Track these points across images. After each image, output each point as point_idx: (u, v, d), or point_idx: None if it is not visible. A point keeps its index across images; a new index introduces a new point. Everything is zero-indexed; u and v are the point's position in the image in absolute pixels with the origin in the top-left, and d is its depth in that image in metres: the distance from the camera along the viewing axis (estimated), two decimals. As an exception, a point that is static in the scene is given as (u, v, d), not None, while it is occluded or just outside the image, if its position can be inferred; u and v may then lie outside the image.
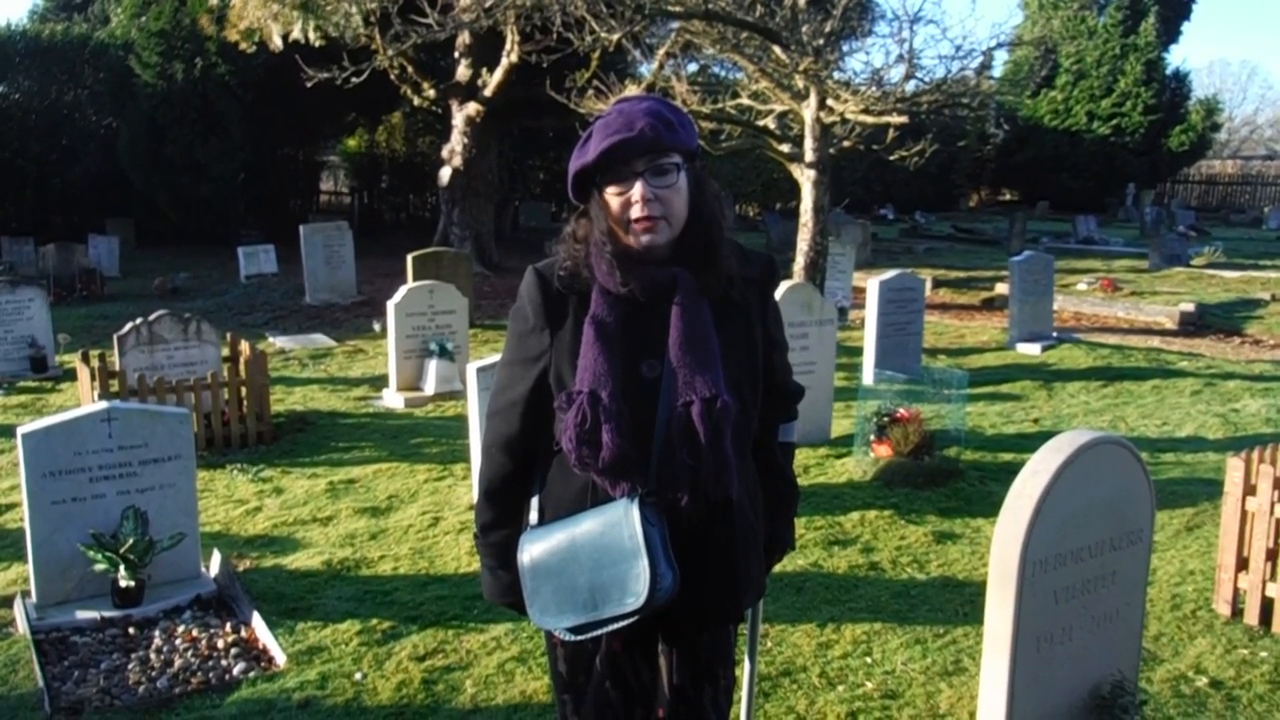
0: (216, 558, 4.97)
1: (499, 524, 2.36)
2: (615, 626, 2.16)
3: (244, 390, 7.46)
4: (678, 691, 2.36)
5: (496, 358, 5.70)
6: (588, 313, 2.17)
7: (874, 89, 10.02)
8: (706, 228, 2.21)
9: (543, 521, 2.27)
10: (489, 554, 2.39)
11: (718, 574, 2.25)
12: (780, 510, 2.50)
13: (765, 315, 2.35)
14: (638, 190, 2.12)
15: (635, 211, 2.13)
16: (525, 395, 2.26)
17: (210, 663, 4.13)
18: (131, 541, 4.46)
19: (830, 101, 9.92)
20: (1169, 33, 35.50)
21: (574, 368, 2.16)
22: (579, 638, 2.22)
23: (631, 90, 11.04)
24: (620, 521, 2.11)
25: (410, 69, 16.02)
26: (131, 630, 4.39)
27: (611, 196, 2.15)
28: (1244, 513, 4.52)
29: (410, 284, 9.57)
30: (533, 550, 2.22)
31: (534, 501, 2.30)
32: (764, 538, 2.43)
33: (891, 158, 10.93)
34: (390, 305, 8.91)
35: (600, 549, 2.13)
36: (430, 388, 8.84)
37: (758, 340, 2.31)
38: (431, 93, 16.63)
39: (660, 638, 2.36)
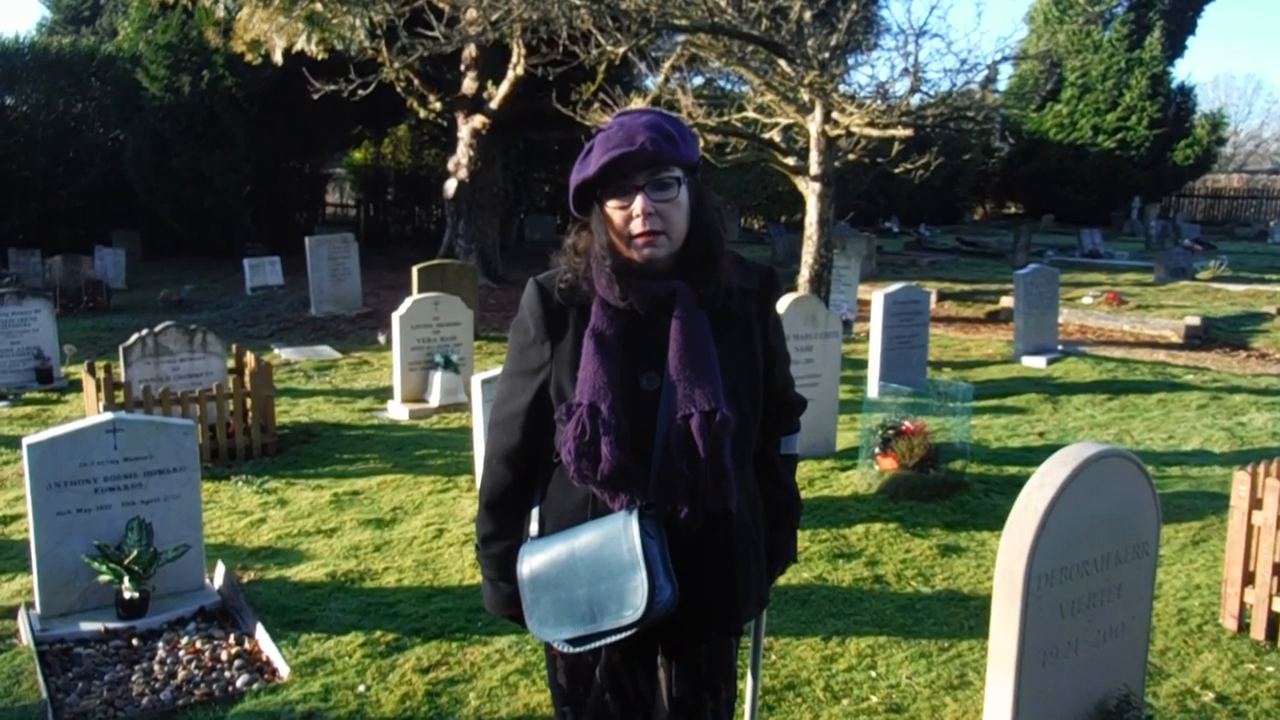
0: (220, 569, 4.97)
1: (499, 535, 2.36)
2: (614, 639, 2.16)
3: (249, 402, 7.46)
4: (677, 703, 2.35)
5: (501, 369, 5.71)
6: (588, 325, 2.17)
7: (879, 102, 10.03)
8: (707, 240, 2.22)
9: (543, 533, 2.27)
10: (489, 565, 2.39)
11: (717, 586, 2.25)
12: (782, 522, 2.50)
13: (766, 327, 2.35)
14: (638, 204, 2.12)
15: (636, 226, 2.13)
16: (526, 407, 2.26)
17: (213, 675, 4.12)
18: (136, 553, 4.46)
19: (835, 114, 9.93)
20: (1174, 47, 35.51)
21: (574, 380, 2.16)
22: (578, 650, 2.22)
23: (637, 103, 11.07)
24: (619, 534, 2.11)
25: (416, 81, 16.06)
26: (135, 642, 4.39)
27: (612, 210, 2.16)
28: (1250, 527, 4.51)
29: (415, 296, 9.58)
30: (532, 562, 2.22)
31: (534, 513, 2.31)
32: (766, 549, 2.43)
33: (896, 171, 10.93)
34: (395, 317, 8.92)
35: (599, 561, 2.13)
36: (435, 399, 8.84)
37: (757, 352, 2.31)
38: (437, 105, 16.68)
39: (660, 649, 2.35)
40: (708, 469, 2.11)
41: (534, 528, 2.29)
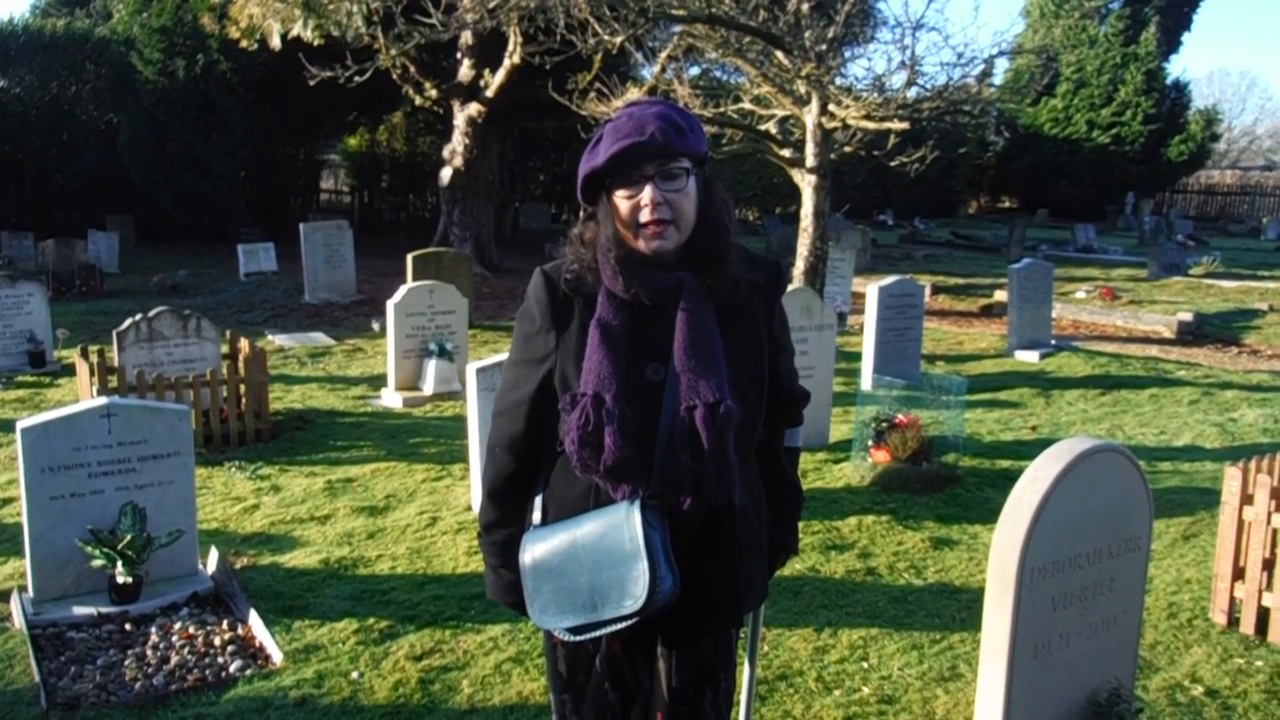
0: (214, 555, 4.97)
1: (502, 523, 2.37)
2: (614, 628, 2.17)
3: (243, 388, 7.45)
4: (677, 694, 2.36)
5: (495, 359, 5.72)
6: (593, 316, 2.18)
7: (875, 95, 10.04)
8: (714, 232, 2.21)
9: (546, 521, 2.28)
10: (492, 552, 2.40)
11: (719, 578, 2.26)
12: (784, 515, 2.51)
13: (771, 320, 2.35)
14: (647, 194, 2.12)
15: (644, 216, 2.13)
16: (531, 395, 2.26)
17: (207, 660, 4.12)
18: (129, 538, 4.46)
19: (832, 107, 9.93)
20: (1169, 43, 35.55)
21: (579, 370, 2.16)
22: (578, 638, 2.23)
23: (633, 93, 11.06)
24: (621, 524, 2.12)
25: (412, 69, 16.03)
26: (128, 626, 4.39)
27: (621, 200, 2.16)
28: (1241, 522, 4.53)
29: (410, 284, 9.57)
30: (534, 550, 2.23)
31: (538, 501, 2.31)
32: (767, 542, 2.44)
33: (892, 164, 10.94)
34: (390, 305, 8.91)
35: (601, 551, 2.13)
36: (429, 388, 8.84)
37: (763, 345, 2.31)
38: (433, 93, 16.64)
39: (660, 640, 2.36)
40: (711, 461, 2.11)
41: (537, 516, 2.30)
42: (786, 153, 10.64)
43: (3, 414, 8.15)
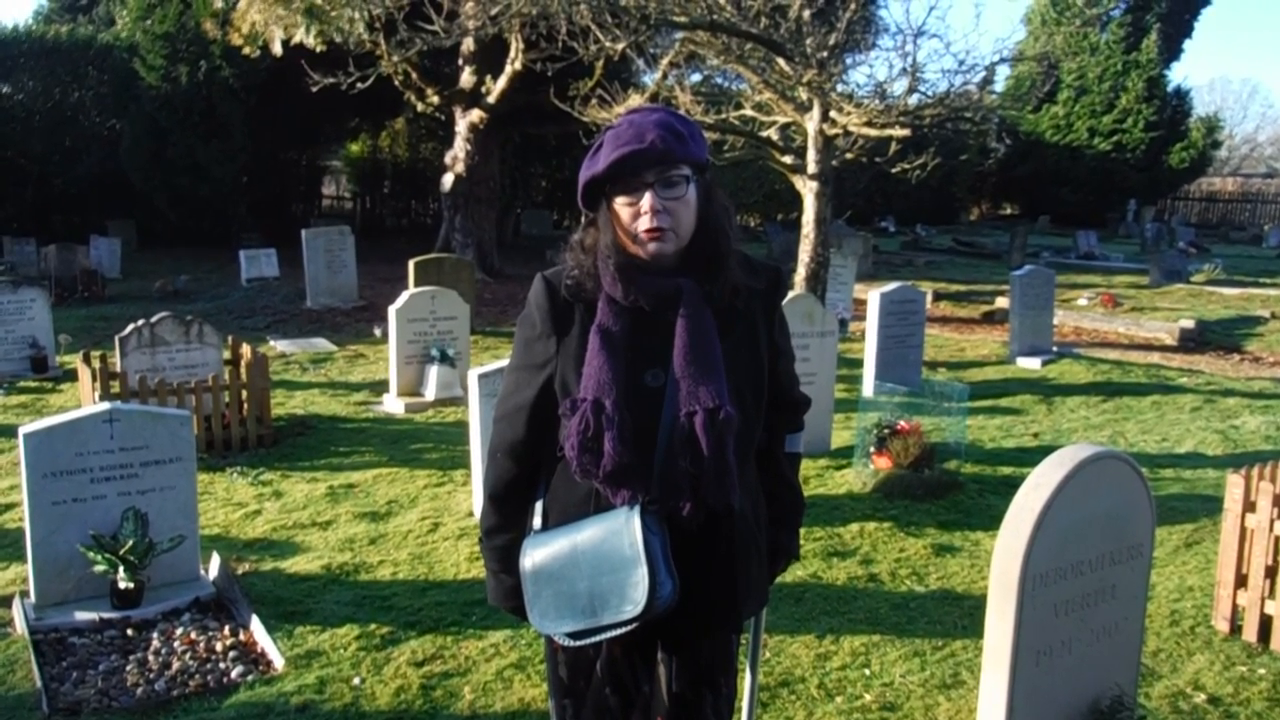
0: (215, 560, 4.97)
1: (503, 528, 2.37)
2: (614, 633, 2.17)
3: (245, 393, 7.46)
4: (677, 698, 2.36)
5: (497, 364, 5.72)
6: (594, 321, 2.18)
7: (877, 102, 10.04)
8: (713, 238, 2.22)
9: (546, 526, 2.28)
10: (493, 558, 2.41)
11: (718, 582, 2.26)
12: (785, 520, 2.51)
13: (771, 326, 2.36)
14: (646, 201, 2.13)
15: (643, 223, 2.14)
16: (531, 401, 2.27)
17: (208, 666, 4.12)
18: (131, 543, 4.46)
19: (833, 114, 9.94)
20: (1171, 50, 35.58)
21: (579, 375, 2.17)
22: (578, 643, 2.23)
23: (635, 99, 11.06)
24: (621, 529, 2.12)
25: (414, 75, 16.05)
26: (130, 632, 4.39)
27: (621, 207, 2.16)
28: (1243, 529, 4.52)
29: (412, 289, 9.58)
30: (535, 555, 2.23)
31: (538, 506, 2.32)
32: (768, 547, 2.44)
33: (893, 170, 10.94)
34: (391, 310, 8.92)
35: (601, 556, 2.14)
36: (431, 393, 8.84)
37: (762, 350, 2.31)
38: (435, 99, 16.66)
39: (660, 644, 2.37)
40: (711, 466, 2.12)
41: (537, 521, 2.31)
42: (788, 159, 10.64)
43: (5, 419, 8.16)
